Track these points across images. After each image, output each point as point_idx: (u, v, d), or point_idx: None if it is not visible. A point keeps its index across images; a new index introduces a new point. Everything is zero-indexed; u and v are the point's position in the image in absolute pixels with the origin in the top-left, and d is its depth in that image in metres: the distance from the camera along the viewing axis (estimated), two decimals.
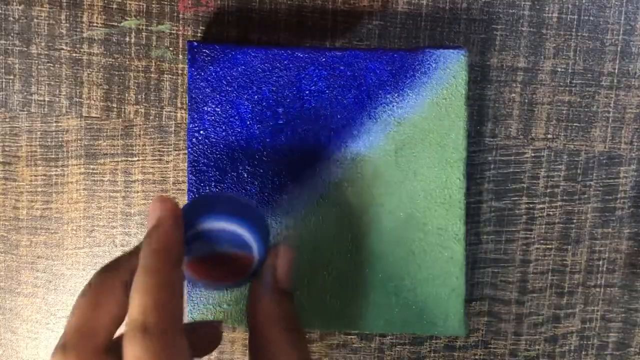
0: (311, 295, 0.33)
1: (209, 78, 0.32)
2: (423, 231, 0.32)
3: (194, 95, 0.32)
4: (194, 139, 0.33)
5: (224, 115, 0.32)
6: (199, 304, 0.33)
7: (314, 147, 0.32)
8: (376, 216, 0.32)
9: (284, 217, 0.33)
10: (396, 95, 0.32)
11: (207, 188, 0.33)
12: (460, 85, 0.32)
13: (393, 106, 0.32)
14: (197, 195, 0.33)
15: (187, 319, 0.33)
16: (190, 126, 0.32)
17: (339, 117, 0.32)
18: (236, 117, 0.32)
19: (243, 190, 0.33)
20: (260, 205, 0.33)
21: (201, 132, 0.33)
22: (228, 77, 0.32)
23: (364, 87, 0.32)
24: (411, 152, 0.32)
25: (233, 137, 0.33)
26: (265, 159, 0.33)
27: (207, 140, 0.33)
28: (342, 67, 0.32)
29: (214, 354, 0.36)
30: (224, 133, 0.33)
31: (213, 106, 0.32)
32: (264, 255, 0.28)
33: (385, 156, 0.32)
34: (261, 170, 0.33)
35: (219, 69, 0.32)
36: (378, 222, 0.32)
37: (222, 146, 0.33)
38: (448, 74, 0.32)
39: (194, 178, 0.33)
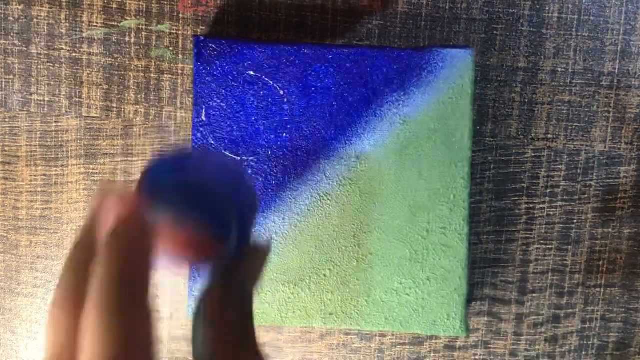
0: (313, 293, 0.33)
1: (215, 73, 0.32)
2: (426, 230, 0.32)
3: (199, 90, 0.32)
4: (198, 134, 0.33)
5: (229, 111, 0.32)
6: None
7: (319, 144, 0.32)
8: (379, 214, 0.32)
9: (287, 214, 0.33)
10: (402, 93, 0.32)
11: None
12: (466, 85, 0.31)
13: (399, 104, 0.32)
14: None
15: (188, 314, 0.33)
16: (195, 121, 0.32)
17: (344, 114, 0.32)
18: (241, 113, 0.32)
19: None
20: (264, 201, 0.33)
21: (206, 127, 0.32)
22: (234, 73, 0.32)
23: (370, 84, 0.32)
24: (416, 151, 0.32)
25: (238, 133, 0.32)
26: (269, 155, 0.33)
27: (211, 135, 0.32)
28: (348, 65, 0.32)
29: None
30: (229, 128, 0.32)
31: (218, 101, 0.32)
32: (240, 243, 0.23)
33: (390, 155, 0.32)
34: (265, 167, 0.33)
35: (225, 64, 0.32)
36: (381, 221, 0.32)
37: (226, 141, 0.32)
38: (455, 74, 0.32)
39: None
